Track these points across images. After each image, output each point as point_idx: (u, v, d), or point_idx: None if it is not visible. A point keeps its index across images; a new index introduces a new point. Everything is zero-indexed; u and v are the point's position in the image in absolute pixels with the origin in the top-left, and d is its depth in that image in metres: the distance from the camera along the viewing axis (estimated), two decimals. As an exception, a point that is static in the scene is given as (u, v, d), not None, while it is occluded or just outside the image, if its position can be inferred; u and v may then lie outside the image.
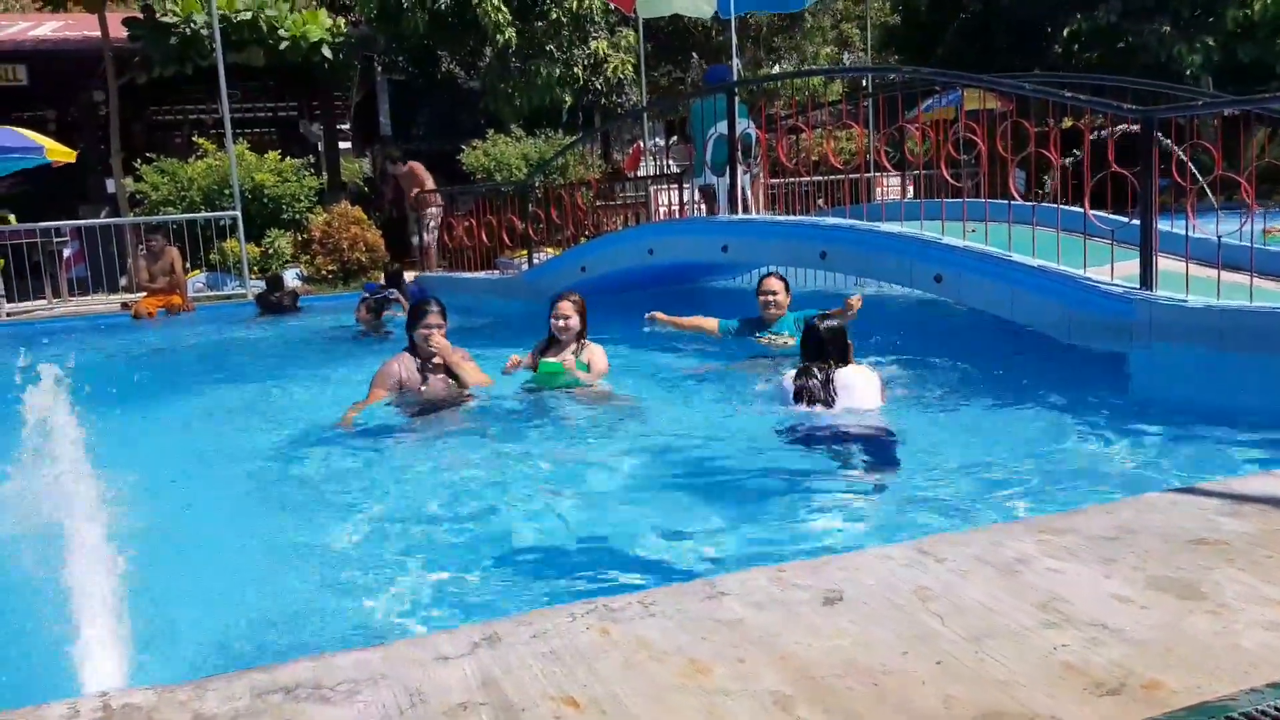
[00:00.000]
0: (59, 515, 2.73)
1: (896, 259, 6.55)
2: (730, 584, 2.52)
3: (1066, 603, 2.33)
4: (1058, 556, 2.60)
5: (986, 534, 2.83)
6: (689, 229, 8.97)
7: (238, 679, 2.05)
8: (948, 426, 4.72)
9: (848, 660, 2.08)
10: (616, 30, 16.87)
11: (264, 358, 8.87)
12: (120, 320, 11.59)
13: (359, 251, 13.91)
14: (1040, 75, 8.84)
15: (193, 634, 2.76)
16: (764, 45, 19.89)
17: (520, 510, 3.81)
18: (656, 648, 2.16)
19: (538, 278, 10.26)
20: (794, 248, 7.46)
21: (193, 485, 4.32)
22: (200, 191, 13.65)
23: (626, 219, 13.34)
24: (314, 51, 15.24)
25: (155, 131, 18.97)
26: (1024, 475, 3.92)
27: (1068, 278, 5.57)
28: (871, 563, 2.62)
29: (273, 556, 3.40)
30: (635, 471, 4.30)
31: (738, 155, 8.13)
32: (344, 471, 4.46)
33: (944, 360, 5.99)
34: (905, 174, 9.21)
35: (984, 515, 3.45)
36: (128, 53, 14.60)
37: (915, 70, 8.34)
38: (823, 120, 12.09)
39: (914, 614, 2.29)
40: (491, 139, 15.06)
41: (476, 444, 4.76)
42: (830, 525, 3.50)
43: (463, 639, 2.22)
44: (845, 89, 17.35)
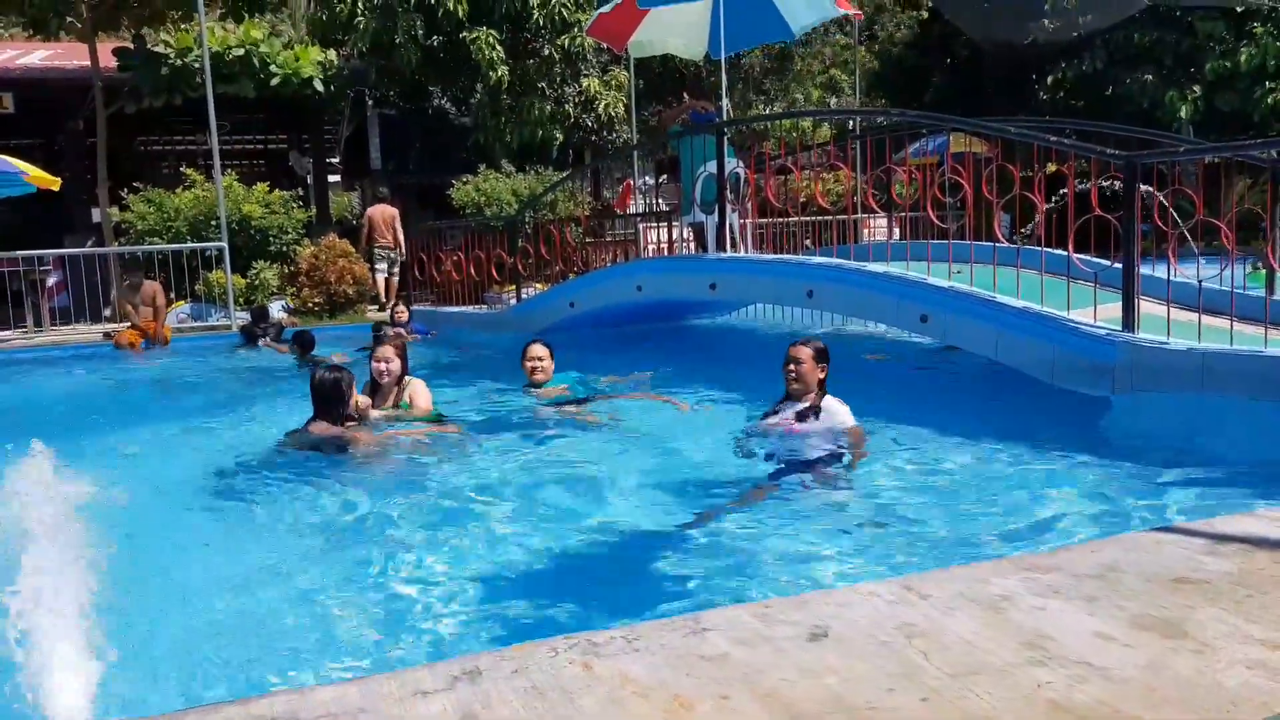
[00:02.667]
0: (32, 544, 2.69)
1: (883, 298, 6.60)
2: (714, 619, 2.50)
3: (1051, 640, 2.32)
4: (1042, 594, 2.60)
5: (971, 571, 2.82)
6: (677, 266, 9.03)
7: (214, 712, 2.02)
8: (932, 466, 4.73)
9: (833, 697, 2.06)
10: (608, 69, 17.07)
11: (247, 387, 8.82)
12: (101, 350, 11.52)
13: (346, 284, 13.90)
14: (1025, 119, 8.99)
15: (168, 667, 2.71)
16: (754, 87, 20.17)
17: (498, 544, 3.78)
18: (640, 683, 2.14)
19: (526, 312, 10.28)
20: (781, 286, 7.52)
21: (168, 515, 4.27)
22: (186, 222, 13.63)
23: (615, 255, 13.41)
24: (305, 86, 15.33)
25: (143, 161, 19.00)
26: (1008, 514, 3.93)
27: (1052, 319, 5.62)
28: (857, 599, 2.61)
29: (247, 589, 3.35)
30: (615, 504, 4.29)
31: (726, 194, 8.20)
32: (321, 504, 4.42)
33: (929, 402, 6.01)
34: (892, 215, 9.30)
35: (969, 553, 3.44)
36: (117, 82, 14.63)
37: (902, 113, 8.47)
38: (811, 161, 12.24)
39: (899, 651, 2.27)
40: (482, 174, 15.16)
41: (455, 475, 4.74)
42: (814, 562, 3.48)
43: (442, 674, 2.19)
44: (834, 132, 17.58)
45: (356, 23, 15.63)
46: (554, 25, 15.90)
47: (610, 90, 16.55)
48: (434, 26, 15.61)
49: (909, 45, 21.26)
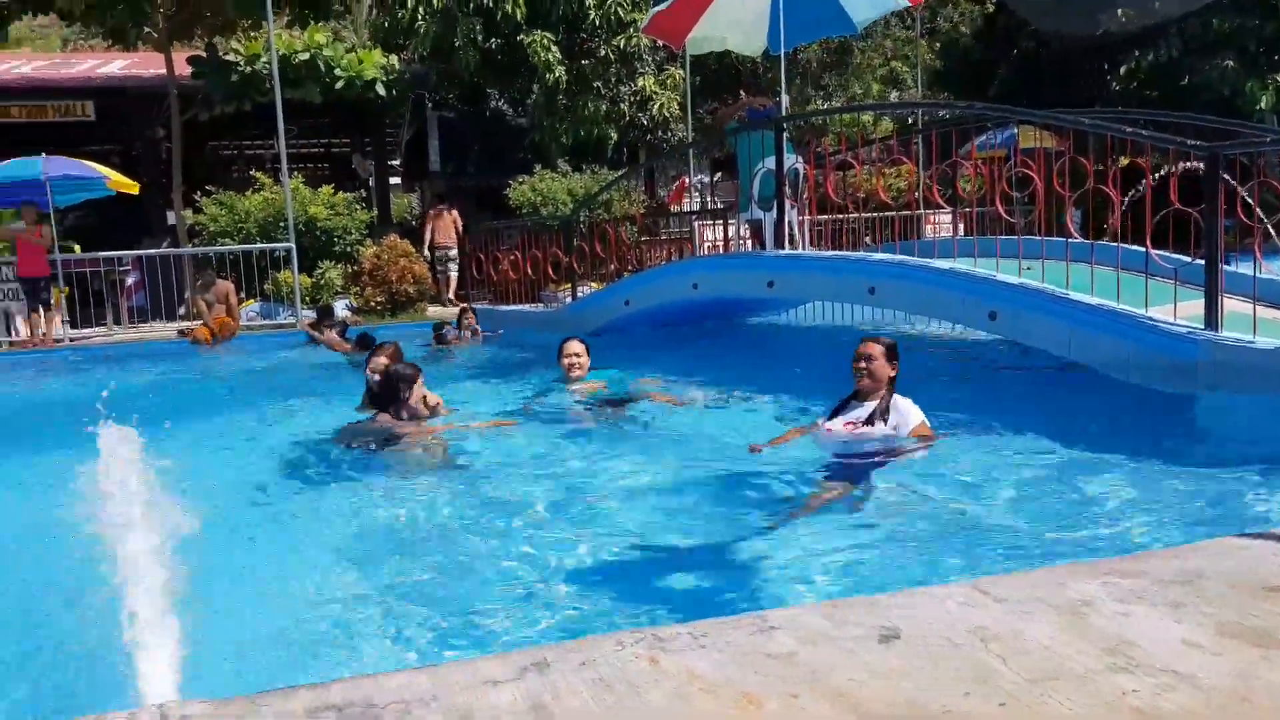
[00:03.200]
0: (119, 529, 2.77)
1: (949, 295, 6.46)
2: (781, 618, 2.46)
3: (1134, 647, 2.23)
4: (1124, 600, 2.51)
5: (1048, 575, 2.74)
6: (734, 264, 8.96)
7: (291, 695, 2.04)
8: (1006, 467, 4.61)
9: (905, 699, 2.01)
10: (664, 67, 17.05)
11: (315, 382, 8.99)
12: (176, 347, 11.85)
13: (407, 283, 14.11)
14: (1098, 110, 8.75)
15: (244, 651, 2.76)
16: (812, 82, 19.97)
17: (557, 540, 3.79)
18: (707, 679, 2.11)
19: (582, 310, 10.30)
20: (841, 283, 7.41)
21: (240, 503, 4.37)
22: (256, 224, 13.98)
23: (670, 254, 13.39)
24: (368, 89, 15.62)
25: (214, 166, 19.53)
26: (1084, 518, 3.81)
27: (1129, 316, 5.44)
28: (928, 601, 2.54)
29: (323, 576, 3.41)
30: (668, 502, 4.27)
31: (785, 190, 8.12)
32: (384, 495, 4.48)
33: (997, 400, 5.88)
34: (957, 211, 9.12)
35: (1043, 557, 3.34)
36: (191, 90, 15.07)
37: (969, 105, 8.30)
38: (872, 156, 12.07)
39: (974, 654, 2.21)
40: (538, 174, 15.26)
41: (518, 471, 4.76)
42: (882, 563, 3.42)
43: (511, 663, 2.19)
44: (895, 126, 17.32)
45: (417, 27, 15.85)
46: (610, 25, 15.94)
47: (666, 89, 16.54)
48: (493, 29, 15.77)
49: (974, 37, 20.85)
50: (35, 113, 15.72)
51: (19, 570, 3.60)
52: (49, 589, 3.15)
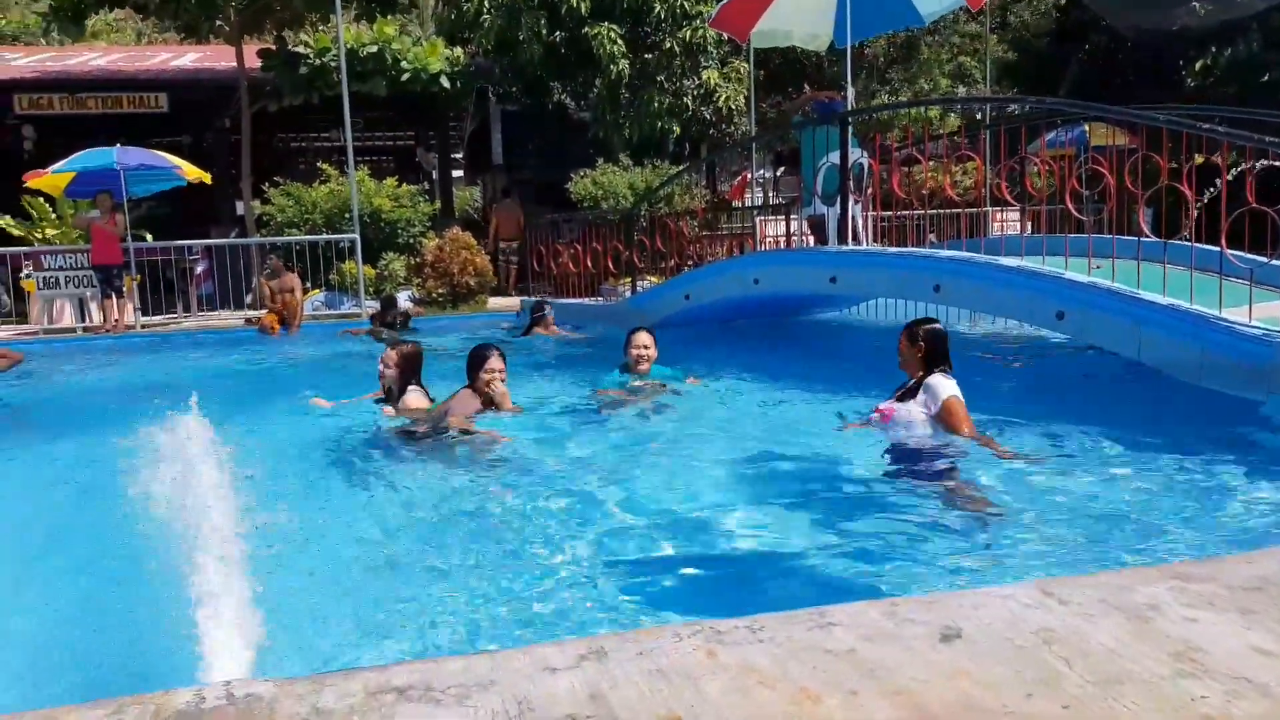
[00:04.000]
0: (188, 511, 2.86)
1: (1016, 294, 6.35)
2: (840, 615, 2.45)
3: (1204, 653, 2.19)
4: (1193, 605, 2.45)
5: (1115, 577, 2.69)
6: (796, 259, 8.91)
7: (353, 676, 2.09)
8: (1073, 469, 4.52)
9: (967, 699, 1.99)
10: (728, 60, 16.98)
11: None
12: (244, 334, 12.16)
13: (469, 276, 14.27)
14: (1174, 107, 8.49)
15: (307, 632, 2.84)
16: (878, 76, 19.71)
17: (615, 530, 3.82)
18: (765, 673, 2.11)
19: (641, 304, 10.34)
20: (906, 280, 7.33)
21: (306, 486, 4.47)
22: (322, 215, 14.25)
23: (730, 249, 13.35)
24: (433, 82, 15.81)
25: (283, 157, 19.96)
26: (1154, 521, 3.72)
27: (1201, 318, 5.30)
28: (990, 601, 2.51)
29: (385, 562, 3.49)
30: (733, 493, 4.28)
31: (849, 185, 8.04)
32: (448, 485, 4.55)
33: (1065, 401, 5.76)
34: (1025, 208, 8.95)
35: (1109, 560, 3.28)
36: (260, 82, 15.41)
37: (1039, 100, 8.13)
38: (938, 152, 11.89)
39: (1037, 655, 2.18)
40: (600, 168, 15.31)
41: (573, 462, 4.81)
42: (943, 561, 3.38)
43: (570, 651, 2.22)
44: (963, 121, 17.02)
45: (482, 20, 15.99)
46: (675, 18, 15.90)
47: (730, 83, 16.46)
48: (557, 23, 15.84)
49: (1045, 34, 20.39)
50: (111, 104, 16.21)
51: (90, 547, 3.72)
52: (119, 567, 3.25)
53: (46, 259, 13.20)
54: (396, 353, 5.84)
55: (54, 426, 6.64)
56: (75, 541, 3.89)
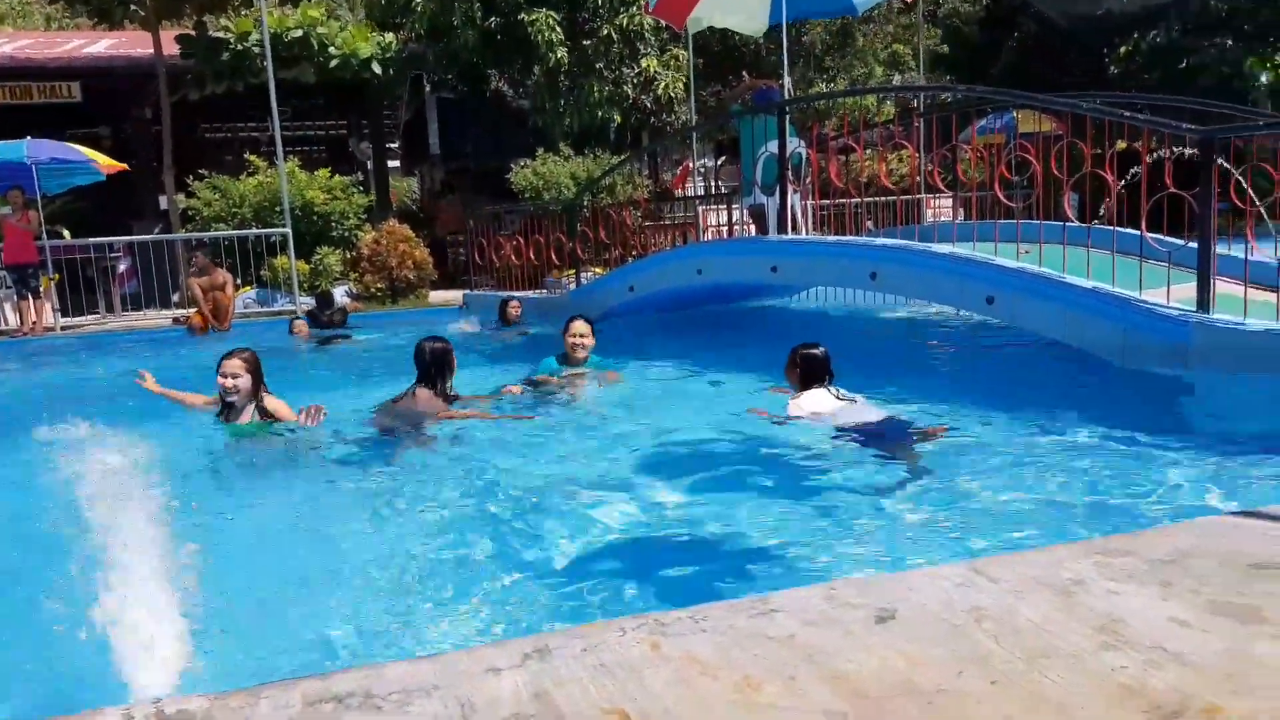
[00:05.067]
0: (112, 523, 2.79)
1: (948, 280, 6.50)
2: (781, 600, 2.50)
3: (1125, 625, 2.28)
4: (1116, 579, 2.55)
5: (1042, 555, 2.78)
6: (737, 249, 8.98)
7: (291, 687, 2.07)
8: (999, 449, 4.66)
9: (902, 679, 2.06)
10: (667, 48, 16.98)
11: (315, 370, 9.02)
12: (172, 334, 11.83)
13: (407, 269, 14.08)
14: (1097, 93, 8.72)
15: (243, 643, 2.80)
16: (815, 65, 19.88)
17: (560, 525, 3.82)
18: (708, 663, 2.15)
19: (585, 296, 10.32)
20: (844, 268, 7.44)
21: (237, 495, 4.39)
22: (251, 208, 13.88)
23: (674, 239, 13.39)
24: (364, 69, 15.47)
25: (207, 149, 19.41)
26: (1078, 499, 3.86)
27: (1123, 300, 5.48)
28: (924, 582, 2.59)
29: (321, 566, 3.45)
30: (673, 481, 4.32)
31: (788, 175, 8.12)
32: (384, 486, 4.51)
33: (996, 383, 5.92)
34: (957, 195, 9.14)
35: (1038, 538, 3.39)
36: (180, 70, 14.85)
37: (970, 89, 8.30)
38: (874, 140, 12.04)
39: (968, 634, 2.25)
40: (540, 158, 15.21)
41: (519, 456, 4.80)
42: (880, 544, 3.46)
43: (514, 651, 2.23)
44: (897, 109, 17.27)
45: (414, 5, 15.72)
46: (612, 4, 15.83)
47: (669, 70, 16.46)
48: (492, 8, 15.66)
49: (975, 22, 20.76)
50: (19, 94, 15.52)
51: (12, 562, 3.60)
52: (45, 582, 3.14)
53: (-43, 260, 12.66)
54: (243, 359, 5.29)
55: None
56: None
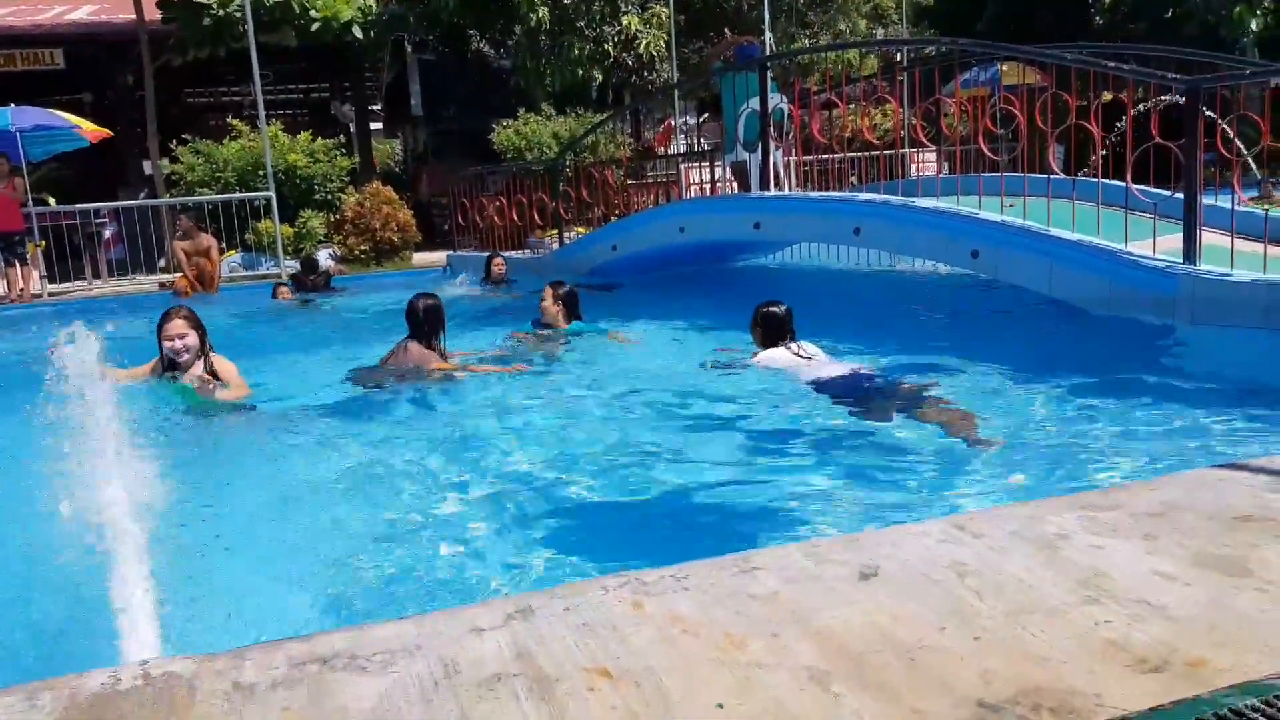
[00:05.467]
0: (99, 487, 2.77)
1: (932, 234, 6.47)
2: (763, 559, 2.50)
3: (1108, 579, 2.28)
4: (1099, 533, 2.55)
5: (1025, 509, 2.78)
6: (720, 207, 8.92)
7: (275, 649, 2.06)
8: (983, 403, 4.66)
9: (884, 635, 2.06)
10: (648, 5, 16.73)
11: (299, 333, 8.97)
12: (158, 299, 11.74)
13: (391, 231, 13.97)
14: (1083, 45, 8.63)
15: (229, 603, 2.79)
16: (798, 20, 19.64)
17: (540, 485, 3.82)
18: (690, 621, 2.15)
19: (569, 256, 10.27)
20: (827, 224, 7.40)
21: (225, 460, 4.37)
22: (235, 173, 13.77)
23: (657, 197, 13.29)
24: (345, 31, 15.27)
25: (190, 114, 19.15)
26: (1063, 452, 3.86)
27: (1108, 252, 5.47)
28: (907, 538, 2.58)
29: (304, 529, 3.44)
30: (653, 439, 4.32)
31: (770, 131, 8.04)
32: (370, 444, 4.50)
33: (980, 337, 5.92)
34: (941, 150, 9.07)
35: (1021, 493, 3.40)
36: (162, 35, 14.70)
37: (954, 42, 8.20)
38: (857, 95, 11.93)
39: (951, 590, 2.25)
40: (522, 117, 15.04)
41: (500, 414, 4.79)
42: (860, 501, 3.46)
43: (496, 611, 2.22)
44: (880, 64, 17.10)
45: (394, -34, 15.47)
46: (592, -38, 15.59)
47: (651, 29, 16.23)
48: (471, -33, 15.39)
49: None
50: (3, 62, 15.37)
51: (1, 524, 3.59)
52: (29, 545, 3.13)
53: (-59, 228, 12.51)
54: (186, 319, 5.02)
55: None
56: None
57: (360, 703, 1.85)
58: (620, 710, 1.80)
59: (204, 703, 1.87)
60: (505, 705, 1.82)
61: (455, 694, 1.86)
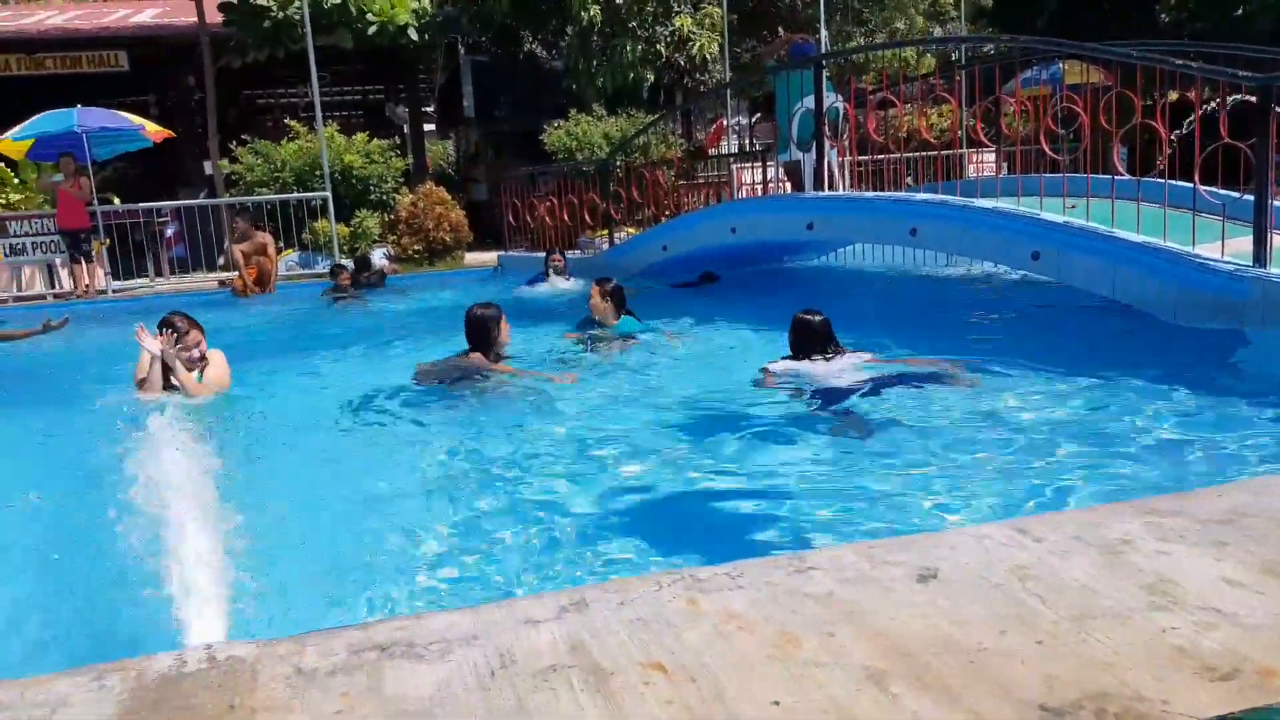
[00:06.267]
0: (167, 476, 2.84)
1: (992, 235, 6.36)
2: (819, 559, 2.47)
3: (1175, 585, 2.22)
4: (1165, 539, 2.49)
5: (1088, 514, 2.72)
6: (773, 206, 8.87)
7: (335, 636, 2.09)
8: (1047, 406, 4.57)
9: (943, 637, 2.02)
10: (700, 5, 16.69)
11: (354, 329, 9.11)
12: (218, 296, 12.01)
13: (444, 231, 14.12)
14: (1149, 43, 8.43)
15: (291, 592, 2.84)
16: (853, 18, 19.45)
17: (591, 482, 3.83)
18: (745, 618, 2.13)
19: (619, 257, 10.28)
20: (883, 224, 7.31)
21: (287, 451, 4.45)
22: (292, 173, 14.03)
23: (707, 198, 13.25)
24: (400, 34, 15.47)
25: (249, 115, 19.55)
26: (1127, 456, 3.77)
27: (1175, 254, 5.33)
28: (966, 541, 2.54)
29: (359, 518, 3.49)
30: (705, 439, 4.30)
31: (825, 130, 7.98)
32: (427, 440, 4.55)
33: (1041, 340, 5.80)
34: (1000, 149, 8.91)
35: (1083, 498, 3.33)
36: (223, 37, 15.02)
37: (1015, 39, 8.06)
38: (914, 94, 11.78)
39: (1012, 593, 2.21)
40: (574, 118, 15.09)
41: (559, 415, 4.81)
42: (916, 503, 3.42)
43: (550, 604, 2.23)
44: (938, 62, 16.87)
45: (449, -33, 15.62)
46: (646, -37, 15.58)
47: (703, 29, 16.20)
48: (525, -31, 15.49)
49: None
50: (70, 64, 15.80)
51: (72, 514, 3.70)
52: (101, 533, 3.23)
53: (11, 225, 12.94)
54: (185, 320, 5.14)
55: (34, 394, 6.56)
56: (49, 511, 3.86)
57: (418, 690, 1.86)
58: (676, 705, 1.79)
59: (266, 686, 1.90)
60: (561, 696, 1.82)
61: (512, 683, 1.87)
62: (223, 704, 1.85)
